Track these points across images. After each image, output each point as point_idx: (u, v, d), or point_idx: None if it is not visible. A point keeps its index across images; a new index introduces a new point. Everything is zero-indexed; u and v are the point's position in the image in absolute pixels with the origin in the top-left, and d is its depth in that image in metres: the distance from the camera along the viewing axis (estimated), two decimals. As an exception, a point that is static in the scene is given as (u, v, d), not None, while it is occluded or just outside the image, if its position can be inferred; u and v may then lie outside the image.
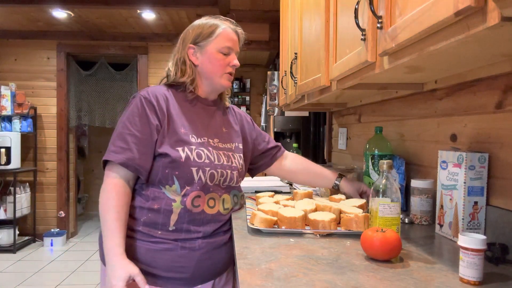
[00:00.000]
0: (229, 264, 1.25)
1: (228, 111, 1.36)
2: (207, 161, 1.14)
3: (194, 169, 1.12)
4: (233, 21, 1.28)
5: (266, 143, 1.46)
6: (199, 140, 1.17)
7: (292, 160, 1.49)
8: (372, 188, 0.99)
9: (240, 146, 1.31)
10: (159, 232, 1.11)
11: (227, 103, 1.37)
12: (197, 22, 1.25)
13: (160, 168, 1.13)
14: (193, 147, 1.14)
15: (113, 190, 1.10)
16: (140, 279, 1.05)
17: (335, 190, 1.45)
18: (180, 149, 1.12)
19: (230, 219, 1.24)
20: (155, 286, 1.10)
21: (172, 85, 1.24)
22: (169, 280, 1.11)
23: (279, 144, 1.51)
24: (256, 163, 1.46)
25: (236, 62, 1.24)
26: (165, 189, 1.13)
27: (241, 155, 1.29)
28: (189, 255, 1.12)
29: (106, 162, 1.14)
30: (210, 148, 1.18)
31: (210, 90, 1.27)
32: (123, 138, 1.12)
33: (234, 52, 1.24)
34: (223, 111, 1.34)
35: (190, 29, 1.25)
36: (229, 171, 1.19)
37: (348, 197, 1.38)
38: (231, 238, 1.22)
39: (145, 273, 1.09)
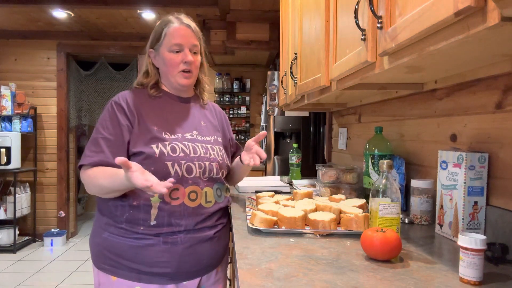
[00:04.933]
0: (216, 261, 1.25)
1: (207, 107, 1.39)
2: (182, 154, 1.17)
3: (169, 163, 1.14)
4: (182, 15, 1.27)
5: (233, 147, 1.48)
6: (172, 136, 1.20)
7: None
8: (372, 188, 0.99)
9: (219, 139, 1.34)
10: (142, 228, 1.13)
11: (205, 99, 1.39)
12: (156, 26, 1.27)
13: None
14: (167, 142, 1.17)
15: (89, 171, 1.14)
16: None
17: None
18: (154, 146, 1.15)
19: (219, 215, 1.25)
20: (140, 282, 1.11)
21: (144, 88, 1.28)
22: (154, 276, 1.12)
23: (240, 147, 1.51)
24: None
25: (188, 58, 1.22)
26: None
27: (221, 147, 1.31)
28: (172, 249, 1.13)
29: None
30: (185, 142, 1.20)
31: (174, 89, 1.30)
32: (96, 142, 1.17)
33: (187, 47, 1.23)
34: (201, 107, 1.37)
35: (151, 34, 1.28)
36: (207, 163, 1.21)
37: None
38: (218, 234, 1.23)
39: (130, 269, 1.11)
